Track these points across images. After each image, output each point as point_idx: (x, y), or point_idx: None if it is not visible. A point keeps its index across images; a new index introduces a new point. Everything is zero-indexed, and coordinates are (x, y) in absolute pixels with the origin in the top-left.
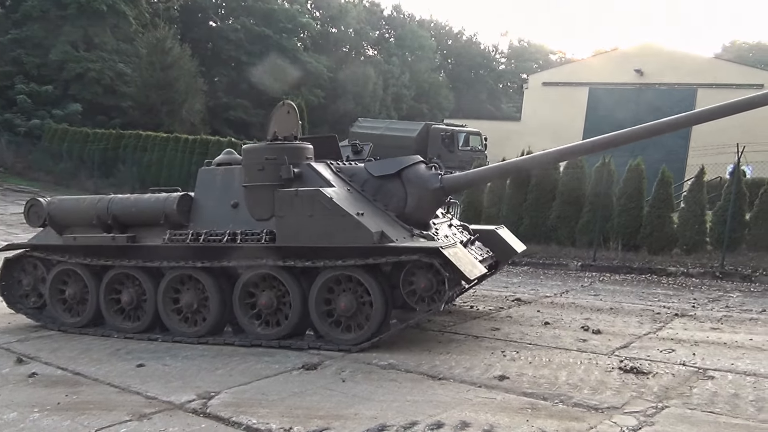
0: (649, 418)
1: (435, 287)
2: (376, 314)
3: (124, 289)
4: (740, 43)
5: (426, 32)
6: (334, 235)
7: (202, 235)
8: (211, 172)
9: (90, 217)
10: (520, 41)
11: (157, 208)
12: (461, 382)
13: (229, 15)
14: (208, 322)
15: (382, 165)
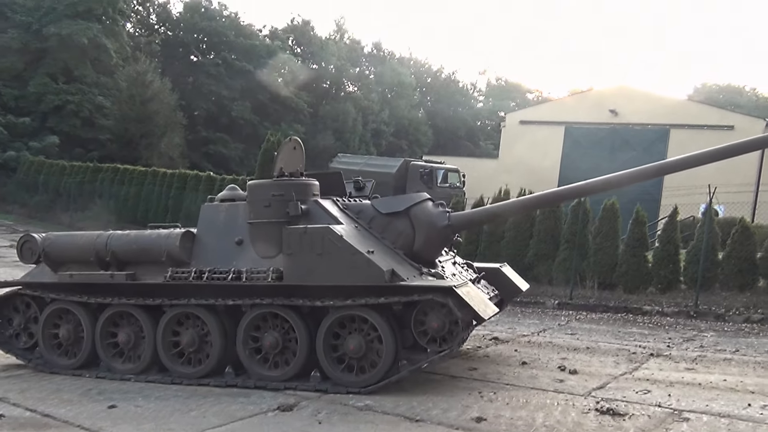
0: None
1: (447, 327)
2: (387, 356)
3: (121, 329)
4: (711, 85)
5: (406, 69)
6: (344, 273)
7: (205, 272)
8: (215, 209)
9: (88, 253)
10: (498, 80)
11: (158, 244)
12: (438, 424)
13: (210, 50)
14: (210, 362)
15: (390, 202)
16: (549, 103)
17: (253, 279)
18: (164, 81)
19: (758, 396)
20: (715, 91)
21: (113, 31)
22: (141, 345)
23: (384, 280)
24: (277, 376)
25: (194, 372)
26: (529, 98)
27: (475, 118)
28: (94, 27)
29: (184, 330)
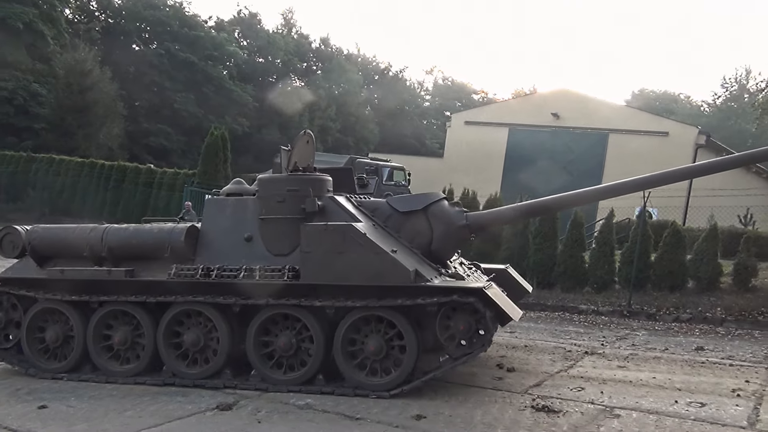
0: None
1: (474, 329)
2: (410, 358)
3: (117, 329)
4: (648, 92)
5: (353, 66)
6: (367, 273)
7: (213, 270)
8: (221, 203)
9: (80, 248)
10: (445, 80)
11: (161, 239)
12: (378, 423)
13: (153, 39)
14: (215, 362)
15: (407, 200)
16: (494, 104)
17: (267, 277)
18: (104, 70)
19: (684, 393)
20: (652, 97)
21: (51, 17)
22: (138, 345)
23: (409, 281)
24: (294, 379)
25: (198, 372)
26: (475, 99)
27: (422, 117)
28: (30, 11)
29: (186, 329)
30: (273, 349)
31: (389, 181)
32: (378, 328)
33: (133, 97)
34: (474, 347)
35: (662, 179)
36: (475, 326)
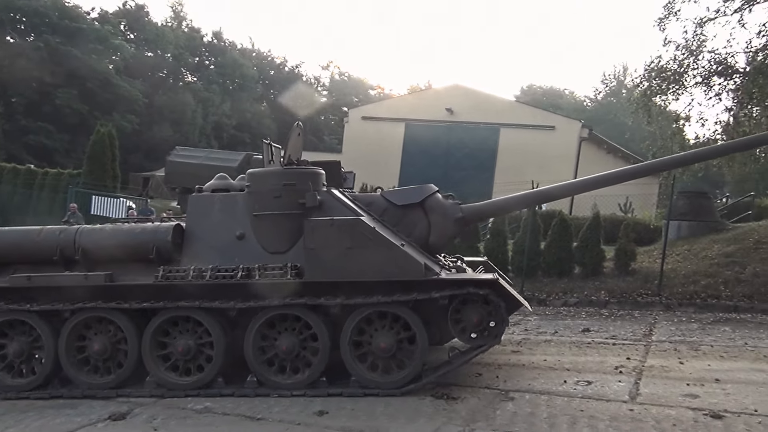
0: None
1: (486, 321)
2: (422, 353)
3: (93, 339)
4: (536, 87)
5: (248, 61)
6: (378, 268)
7: (206, 271)
8: (206, 200)
9: (49, 251)
10: (341, 75)
11: (145, 240)
12: (280, 422)
13: (30, 31)
14: (209, 370)
15: (404, 194)
16: (390, 99)
17: (268, 276)
18: None
19: (573, 372)
20: (539, 93)
21: None
22: (118, 355)
23: (421, 275)
24: (297, 383)
25: (191, 382)
26: (372, 94)
27: (319, 113)
28: None
29: (174, 337)
30: (275, 352)
31: None
32: (384, 325)
33: (9, 93)
34: (487, 339)
35: (664, 165)
36: (487, 318)
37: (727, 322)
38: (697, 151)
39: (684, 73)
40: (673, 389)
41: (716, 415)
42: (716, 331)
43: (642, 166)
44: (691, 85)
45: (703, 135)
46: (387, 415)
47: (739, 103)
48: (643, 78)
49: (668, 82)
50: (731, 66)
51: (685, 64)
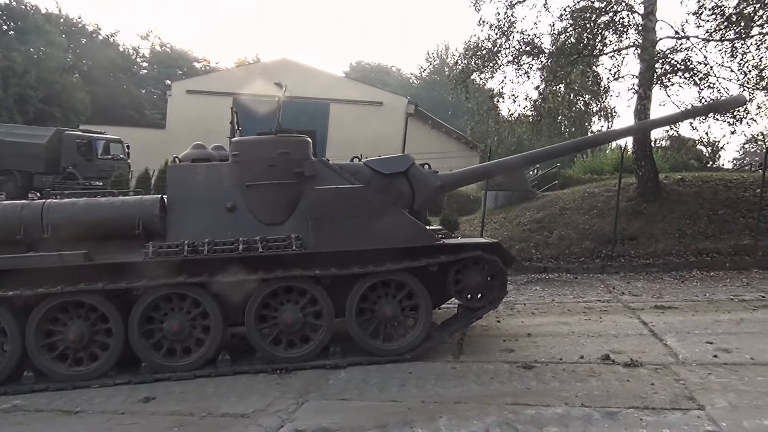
0: (290, 414)
1: (484, 283)
2: (426, 318)
3: (69, 326)
4: (364, 64)
5: (55, 27)
6: (386, 235)
7: (204, 245)
8: (189, 170)
9: (11, 230)
10: (163, 46)
11: (128, 215)
12: (102, 413)
13: None
14: (206, 349)
15: (388, 163)
16: (217, 73)
17: (272, 249)
18: None
19: None
20: (368, 69)
21: None
22: (94, 342)
23: (430, 240)
24: (302, 356)
25: (187, 364)
26: (197, 67)
27: (140, 86)
28: None
29: (164, 317)
30: (276, 326)
31: (105, 154)
32: (386, 293)
33: None
34: (493, 299)
35: (635, 130)
36: (485, 279)
37: (537, 282)
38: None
39: (498, 52)
40: (492, 346)
41: (528, 366)
42: (528, 290)
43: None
44: (503, 63)
45: (515, 111)
46: (218, 395)
47: (545, 81)
48: (462, 56)
49: (484, 61)
50: (538, 46)
51: (498, 44)
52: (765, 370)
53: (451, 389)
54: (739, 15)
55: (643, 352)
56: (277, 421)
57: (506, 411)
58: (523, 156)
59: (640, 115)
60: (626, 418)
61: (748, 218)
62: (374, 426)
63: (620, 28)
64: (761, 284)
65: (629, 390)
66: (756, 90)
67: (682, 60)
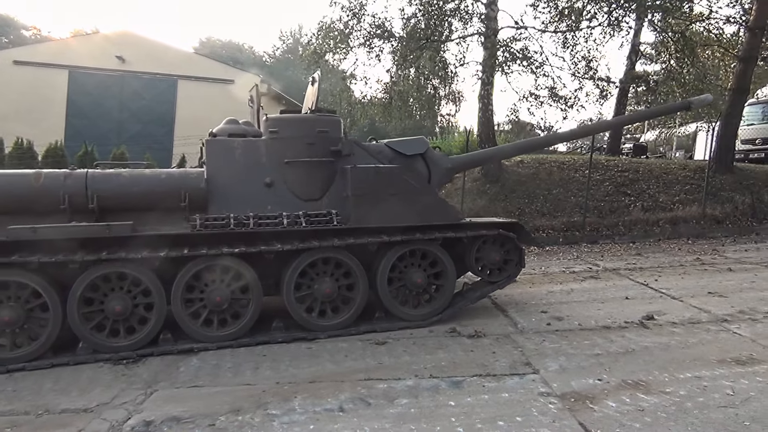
0: (138, 405)
1: (502, 259)
2: (451, 286)
3: (111, 297)
4: (215, 40)
5: None
6: (419, 213)
7: (249, 219)
8: (226, 145)
9: (53, 200)
10: None
11: (175, 186)
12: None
13: None
14: (246, 320)
15: (409, 144)
16: (49, 43)
17: (313, 223)
18: None
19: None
20: (218, 46)
21: None
22: (136, 313)
23: (458, 218)
24: (337, 324)
25: (229, 334)
26: (26, 36)
27: None
28: None
29: (204, 287)
30: (314, 297)
31: None
32: (413, 262)
33: None
34: (512, 271)
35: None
36: (503, 255)
37: None
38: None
39: (349, 34)
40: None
41: (380, 342)
42: None
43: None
44: (355, 45)
45: (367, 93)
46: (57, 390)
47: (395, 65)
48: (315, 36)
49: (336, 42)
50: (388, 30)
51: (350, 26)
52: (590, 334)
53: (305, 369)
54: (570, 9)
55: (486, 324)
56: (124, 413)
57: (359, 387)
58: (528, 141)
59: (484, 99)
60: (470, 386)
61: (578, 197)
62: (228, 411)
63: (465, 16)
64: (588, 257)
65: (473, 359)
66: (584, 79)
67: (521, 49)
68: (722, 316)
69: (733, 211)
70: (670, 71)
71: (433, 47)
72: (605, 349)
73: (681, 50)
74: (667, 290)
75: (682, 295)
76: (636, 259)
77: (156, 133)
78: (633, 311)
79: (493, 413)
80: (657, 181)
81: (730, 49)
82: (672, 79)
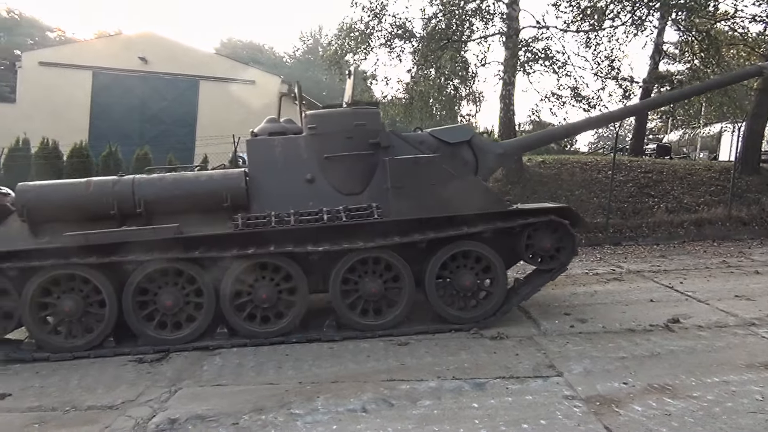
0: (162, 403)
1: (554, 246)
2: (503, 284)
3: (162, 293)
4: (236, 41)
5: None
6: (463, 202)
7: (290, 216)
8: (267, 144)
9: (104, 206)
10: (10, 12)
11: (216, 188)
12: None
13: None
14: (291, 317)
15: (452, 132)
16: (74, 44)
17: (355, 218)
18: None
19: None
20: (239, 47)
21: None
22: (185, 309)
23: (504, 206)
24: (383, 324)
25: (275, 330)
26: (51, 37)
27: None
28: None
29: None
30: (358, 295)
31: None
32: (462, 263)
33: None
34: (566, 259)
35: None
36: (554, 242)
37: None
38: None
39: (370, 34)
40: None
41: (403, 343)
42: None
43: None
44: (376, 46)
45: (387, 93)
46: (83, 387)
47: (416, 65)
48: (336, 37)
49: (357, 42)
50: (409, 30)
51: (371, 26)
52: (614, 337)
53: (327, 369)
54: (593, 8)
55: (509, 325)
56: (148, 411)
57: (382, 387)
58: (579, 122)
59: (505, 100)
60: (493, 388)
61: (600, 198)
62: (251, 410)
63: (486, 16)
64: (612, 259)
65: (496, 361)
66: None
67: (543, 49)
68: (750, 320)
69: (760, 212)
70: (694, 71)
71: (454, 47)
72: (630, 352)
73: (706, 50)
74: (692, 293)
75: (708, 298)
76: (660, 261)
77: (178, 133)
78: (658, 314)
79: (517, 416)
80: (681, 182)
81: (756, 48)
82: (696, 79)
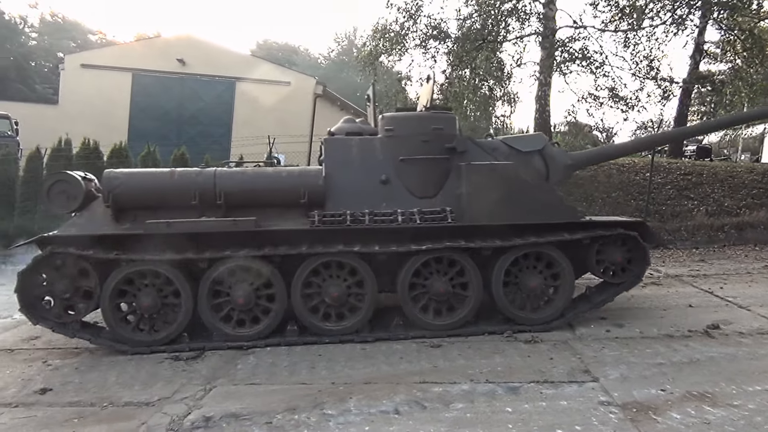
0: (198, 401)
1: (625, 259)
2: (569, 289)
3: (235, 288)
4: (271, 42)
5: None
6: (536, 211)
7: (365, 216)
8: (345, 143)
9: (185, 196)
10: (54, 16)
11: (294, 185)
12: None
13: None
14: (360, 315)
15: (526, 141)
16: (114, 47)
17: (428, 221)
18: None
19: None
20: (275, 48)
21: None
22: (254, 304)
23: (577, 217)
24: (450, 324)
25: (344, 328)
26: (92, 40)
27: (28, 58)
28: None
29: (321, 283)
30: (427, 296)
31: None
32: (529, 265)
33: None
34: (638, 271)
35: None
36: (629, 256)
37: None
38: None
39: (405, 35)
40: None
41: (435, 345)
42: None
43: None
44: (411, 47)
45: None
46: (120, 384)
47: (451, 66)
48: (370, 38)
49: (392, 43)
50: (444, 31)
51: (406, 27)
52: (652, 342)
53: (360, 370)
54: (632, 7)
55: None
56: (184, 408)
57: (414, 389)
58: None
59: (541, 101)
60: (527, 392)
61: (638, 200)
62: (284, 409)
63: (523, 16)
64: None
65: (530, 365)
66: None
67: (580, 49)
68: None
69: None
70: (736, 71)
71: (489, 47)
72: (668, 358)
73: (749, 49)
74: (733, 298)
75: (750, 304)
76: (699, 266)
77: (214, 133)
78: (697, 320)
79: (551, 421)
80: (722, 184)
81: None
82: (739, 79)
